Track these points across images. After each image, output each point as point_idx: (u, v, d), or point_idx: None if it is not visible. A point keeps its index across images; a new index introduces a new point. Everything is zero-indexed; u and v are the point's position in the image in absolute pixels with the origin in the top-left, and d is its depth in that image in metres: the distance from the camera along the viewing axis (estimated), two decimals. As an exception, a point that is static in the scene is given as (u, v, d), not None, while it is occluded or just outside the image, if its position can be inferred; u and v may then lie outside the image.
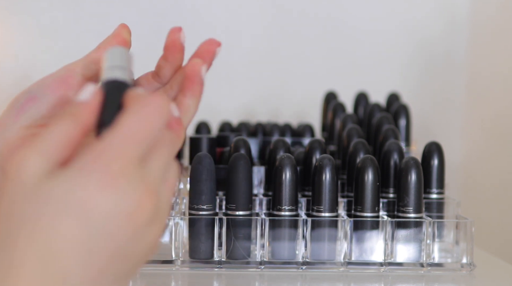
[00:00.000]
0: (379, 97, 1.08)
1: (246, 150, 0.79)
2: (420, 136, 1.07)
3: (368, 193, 0.74)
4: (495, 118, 1.13)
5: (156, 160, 0.44)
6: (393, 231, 0.75)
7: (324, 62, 1.21)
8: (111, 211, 0.41)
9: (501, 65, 1.12)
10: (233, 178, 0.73)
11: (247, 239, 0.74)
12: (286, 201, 0.74)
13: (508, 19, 1.12)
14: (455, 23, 1.22)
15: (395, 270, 0.75)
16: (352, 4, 1.21)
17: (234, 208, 0.73)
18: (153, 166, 0.44)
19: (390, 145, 0.80)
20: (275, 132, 0.97)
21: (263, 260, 0.74)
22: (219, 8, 1.18)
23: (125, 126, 0.43)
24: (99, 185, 0.41)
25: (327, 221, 0.74)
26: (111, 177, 0.41)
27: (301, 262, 0.74)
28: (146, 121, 0.43)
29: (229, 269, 0.74)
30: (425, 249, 0.75)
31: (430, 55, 1.22)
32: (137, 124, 0.43)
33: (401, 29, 1.22)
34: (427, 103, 1.22)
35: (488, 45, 1.17)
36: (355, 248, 0.75)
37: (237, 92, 1.19)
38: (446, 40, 1.22)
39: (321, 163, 0.73)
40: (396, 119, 0.94)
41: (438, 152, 0.80)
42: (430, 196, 0.79)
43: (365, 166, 0.74)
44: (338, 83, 1.14)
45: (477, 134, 1.19)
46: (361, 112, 1.02)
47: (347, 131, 0.86)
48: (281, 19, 1.20)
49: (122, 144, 0.42)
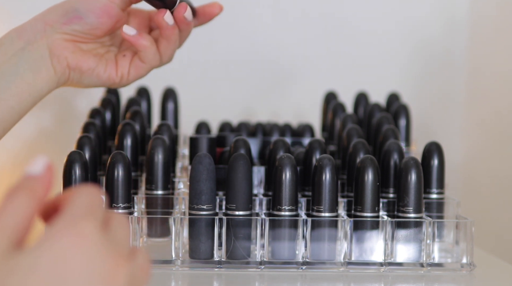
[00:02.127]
0: (379, 97, 1.08)
1: (246, 150, 0.79)
2: (420, 136, 1.07)
3: (368, 193, 0.74)
4: (495, 117, 1.13)
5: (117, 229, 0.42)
6: (393, 231, 0.75)
7: (324, 62, 1.21)
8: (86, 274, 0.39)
9: (501, 64, 1.12)
10: (233, 178, 0.73)
11: (247, 239, 0.74)
12: (286, 201, 0.74)
13: (508, 19, 1.12)
14: (454, 23, 1.22)
15: (395, 270, 0.75)
16: (352, 4, 1.21)
17: (234, 208, 0.73)
18: (117, 234, 0.42)
19: (390, 145, 0.80)
20: (275, 132, 0.97)
21: (263, 260, 0.74)
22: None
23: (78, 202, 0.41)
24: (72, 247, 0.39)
25: (327, 221, 0.74)
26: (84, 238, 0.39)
27: (301, 262, 0.74)
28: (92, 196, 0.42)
29: (229, 269, 0.74)
30: (425, 249, 0.75)
31: (429, 55, 1.22)
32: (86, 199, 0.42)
33: (401, 29, 1.22)
34: (427, 103, 1.22)
35: (487, 44, 1.17)
36: (355, 248, 0.75)
37: (237, 92, 1.19)
38: (446, 39, 1.22)
39: (321, 163, 0.73)
40: (396, 119, 0.94)
41: (438, 152, 0.80)
42: (430, 196, 0.79)
43: (365, 166, 0.74)
44: (338, 83, 1.14)
45: (477, 134, 1.19)
46: (361, 112, 1.02)
47: (347, 131, 0.86)
48: (281, 19, 1.20)
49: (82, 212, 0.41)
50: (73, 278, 0.38)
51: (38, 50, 0.73)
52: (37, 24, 0.73)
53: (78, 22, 0.73)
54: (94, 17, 0.73)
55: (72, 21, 0.73)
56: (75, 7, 0.73)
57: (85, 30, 0.74)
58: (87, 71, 0.75)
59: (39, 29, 0.73)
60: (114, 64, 0.76)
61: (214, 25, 0.79)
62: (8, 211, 0.40)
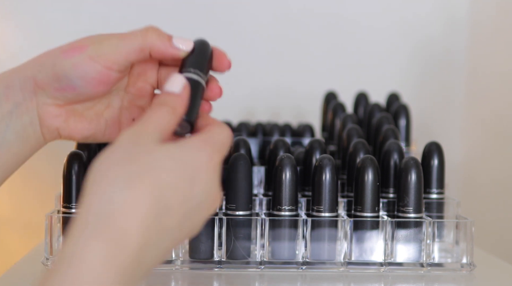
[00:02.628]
0: (379, 97, 1.08)
1: (246, 150, 0.79)
2: (420, 136, 1.07)
3: (368, 193, 0.74)
4: (495, 118, 1.13)
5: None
6: (393, 231, 0.75)
7: (324, 62, 1.21)
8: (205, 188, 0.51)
9: (501, 64, 1.12)
10: (233, 178, 0.73)
11: (247, 239, 0.74)
12: (286, 201, 0.74)
13: (508, 19, 1.12)
14: (454, 23, 1.22)
15: (395, 270, 0.75)
16: (351, 4, 1.21)
17: (234, 208, 0.73)
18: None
19: (390, 145, 0.80)
20: (275, 132, 0.97)
21: (263, 260, 0.74)
22: (219, 8, 1.18)
23: (222, 134, 0.54)
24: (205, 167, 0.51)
25: (327, 221, 0.74)
26: (215, 164, 0.52)
27: (301, 262, 0.74)
28: (229, 140, 0.55)
29: (229, 269, 0.74)
30: (425, 249, 0.75)
31: (429, 55, 1.22)
32: (227, 140, 0.55)
33: (401, 29, 1.22)
34: (427, 103, 1.22)
35: (487, 44, 1.17)
36: (355, 248, 0.75)
37: (237, 92, 1.19)
38: (446, 40, 1.22)
39: (321, 163, 0.73)
40: (396, 119, 0.94)
41: (438, 152, 0.80)
42: (430, 196, 0.79)
43: (365, 166, 0.74)
44: (338, 83, 1.14)
45: (477, 134, 1.19)
46: (361, 112, 1.02)
47: (347, 131, 0.86)
48: (282, 20, 1.20)
49: (221, 146, 0.53)
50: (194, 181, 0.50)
51: (28, 114, 0.63)
52: (26, 83, 0.62)
53: (72, 92, 0.62)
54: (89, 87, 0.61)
55: (65, 90, 0.62)
56: (66, 74, 0.61)
57: (80, 98, 0.63)
58: (82, 139, 0.65)
59: (28, 90, 0.62)
60: (117, 125, 0.65)
61: (214, 24, 0.80)
62: (153, 119, 0.51)
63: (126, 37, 0.61)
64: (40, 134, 0.64)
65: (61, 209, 0.73)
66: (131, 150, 0.49)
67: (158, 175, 0.48)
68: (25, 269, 0.74)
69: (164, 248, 0.49)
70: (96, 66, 0.60)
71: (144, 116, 0.52)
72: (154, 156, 0.49)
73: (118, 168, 0.47)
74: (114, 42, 0.61)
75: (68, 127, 0.64)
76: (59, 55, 0.61)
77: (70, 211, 0.73)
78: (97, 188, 0.47)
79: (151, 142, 0.50)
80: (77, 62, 0.60)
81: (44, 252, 0.73)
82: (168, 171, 0.49)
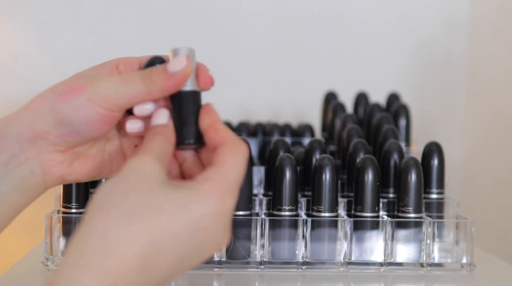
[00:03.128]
0: (379, 97, 1.08)
1: (246, 150, 0.79)
2: (420, 136, 1.07)
3: (368, 193, 0.74)
4: (495, 118, 1.13)
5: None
6: (393, 231, 0.75)
7: (324, 62, 1.21)
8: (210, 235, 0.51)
9: (501, 65, 1.12)
10: (233, 178, 0.73)
11: (247, 239, 0.74)
12: (286, 201, 0.74)
13: (508, 19, 1.12)
14: (454, 23, 1.22)
15: (395, 270, 0.75)
16: (352, 4, 1.21)
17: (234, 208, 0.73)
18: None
19: (390, 145, 0.80)
20: (275, 132, 0.97)
21: (263, 260, 0.74)
22: (219, 8, 1.18)
23: (235, 169, 0.52)
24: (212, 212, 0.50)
25: (327, 221, 0.74)
26: (225, 210, 0.51)
27: (301, 262, 0.74)
28: (243, 167, 0.53)
29: (229, 269, 0.74)
30: (425, 249, 0.75)
31: (430, 55, 1.22)
32: (241, 170, 0.52)
33: (401, 29, 1.22)
34: (427, 103, 1.22)
35: (487, 45, 1.17)
36: (355, 248, 0.75)
37: (237, 92, 1.19)
38: (446, 40, 1.22)
39: (321, 163, 0.73)
40: (396, 119, 0.94)
41: (438, 152, 0.80)
42: (430, 196, 0.79)
43: (365, 166, 0.74)
44: (338, 83, 1.14)
45: (477, 135, 1.19)
46: (361, 112, 1.02)
47: (347, 131, 0.86)
48: (282, 20, 1.20)
49: (233, 184, 0.52)
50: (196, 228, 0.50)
51: (27, 165, 0.58)
52: (23, 132, 0.57)
53: (76, 137, 0.58)
54: (93, 129, 0.57)
55: (68, 135, 0.58)
56: (67, 119, 0.57)
57: (84, 140, 0.59)
58: (89, 179, 0.62)
59: (26, 139, 0.57)
60: (121, 156, 0.62)
61: (214, 24, 0.80)
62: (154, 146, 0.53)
63: (128, 80, 0.56)
64: (41, 183, 0.59)
65: (61, 209, 0.73)
66: (134, 184, 0.49)
67: (156, 218, 0.48)
68: (25, 269, 0.74)
69: (154, 285, 0.49)
70: (98, 109, 0.56)
71: (144, 144, 0.53)
72: (156, 198, 0.49)
73: (119, 202, 0.49)
74: (115, 86, 0.56)
75: (73, 172, 0.60)
76: (56, 99, 0.57)
77: (70, 211, 0.73)
78: (97, 221, 0.48)
79: (156, 179, 0.50)
80: (77, 105, 0.56)
81: (44, 252, 0.73)
82: (166, 214, 0.49)
